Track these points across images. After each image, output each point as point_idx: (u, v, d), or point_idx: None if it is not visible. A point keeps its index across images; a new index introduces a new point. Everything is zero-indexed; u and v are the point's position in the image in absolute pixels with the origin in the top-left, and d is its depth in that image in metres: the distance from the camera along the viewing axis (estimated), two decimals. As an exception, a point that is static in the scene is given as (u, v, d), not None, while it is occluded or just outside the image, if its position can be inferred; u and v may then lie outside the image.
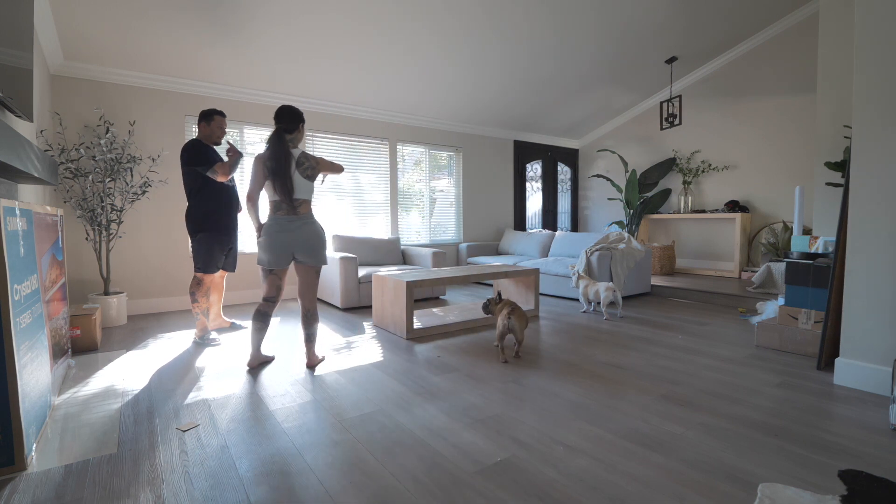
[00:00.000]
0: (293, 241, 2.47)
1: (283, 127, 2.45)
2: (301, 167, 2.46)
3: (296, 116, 2.48)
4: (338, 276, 4.19)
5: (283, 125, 2.45)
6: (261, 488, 1.40)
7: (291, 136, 2.48)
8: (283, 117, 2.45)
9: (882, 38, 2.12)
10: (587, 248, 4.52)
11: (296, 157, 2.46)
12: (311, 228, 2.50)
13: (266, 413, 1.96)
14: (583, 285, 3.99)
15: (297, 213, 2.48)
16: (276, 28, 3.67)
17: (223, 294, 3.45)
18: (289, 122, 2.46)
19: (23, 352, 1.58)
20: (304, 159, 2.48)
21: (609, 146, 7.11)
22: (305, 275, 2.54)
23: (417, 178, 5.88)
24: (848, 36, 3.82)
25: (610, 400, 2.07)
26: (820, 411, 1.93)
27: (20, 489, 1.41)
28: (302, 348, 2.96)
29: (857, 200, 2.20)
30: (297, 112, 2.49)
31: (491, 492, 1.37)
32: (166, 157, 4.16)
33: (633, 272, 4.63)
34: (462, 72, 4.79)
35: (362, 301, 4.29)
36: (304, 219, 2.49)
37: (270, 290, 2.55)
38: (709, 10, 4.53)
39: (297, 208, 2.47)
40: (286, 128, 2.46)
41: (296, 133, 2.49)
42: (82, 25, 3.33)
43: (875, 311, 2.14)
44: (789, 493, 1.30)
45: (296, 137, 2.50)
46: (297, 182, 2.45)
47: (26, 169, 1.88)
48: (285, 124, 2.45)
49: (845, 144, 3.81)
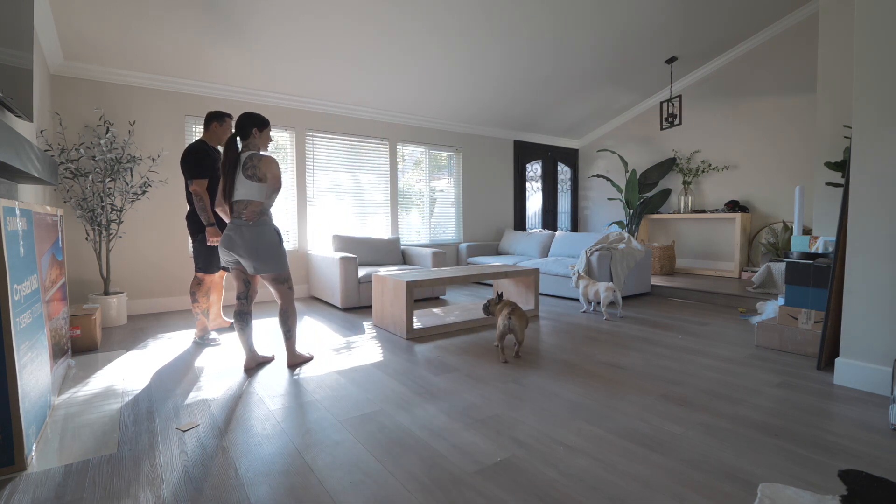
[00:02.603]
0: (233, 245, 2.41)
1: (235, 133, 2.49)
2: (244, 168, 2.40)
3: (247, 122, 2.46)
4: (338, 276, 4.19)
5: (235, 132, 2.50)
6: (261, 488, 1.40)
7: (246, 142, 2.47)
8: (236, 125, 2.50)
9: (882, 38, 2.12)
10: (587, 248, 4.52)
11: (242, 159, 2.43)
12: (251, 232, 2.39)
13: (266, 413, 1.97)
14: (583, 285, 3.99)
15: (240, 216, 2.42)
16: (276, 28, 3.67)
17: (223, 294, 3.46)
18: (239, 129, 2.47)
19: (23, 352, 1.58)
20: (249, 160, 2.41)
21: (609, 146, 7.11)
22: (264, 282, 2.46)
23: (417, 178, 5.88)
24: (848, 36, 3.82)
25: (610, 400, 2.07)
26: (820, 411, 1.93)
27: (20, 489, 1.41)
28: (304, 349, 2.96)
29: (857, 200, 2.20)
30: (250, 118, 2.47)
31: (491, 492, 1.37)
32: (166, 157, 4.16)
33: (633, 272, 4.63)
34: (462, 72, 4.79)
35: (362, 301, 4.29)
36: (246, 223, 2.40)
37: (238, 287, 2.53)
38: (709, 10, 4.53)
39: (242, 212, 2.41)
40: (238, 133, 2.49)
41: (250, 138, 2.47)
42: (82, 25, 3.33)
43: (875, 311, 2.14)
44: (789, 493, 1.30)
45: (250, 143, 2.48)
46: (238, 183, 2.41)
47: (26, 169, 1.88)
48: (237, 131, 2.49)
49: (845, 144, 3.81)
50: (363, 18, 3.72)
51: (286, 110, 4.76)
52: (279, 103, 4.69)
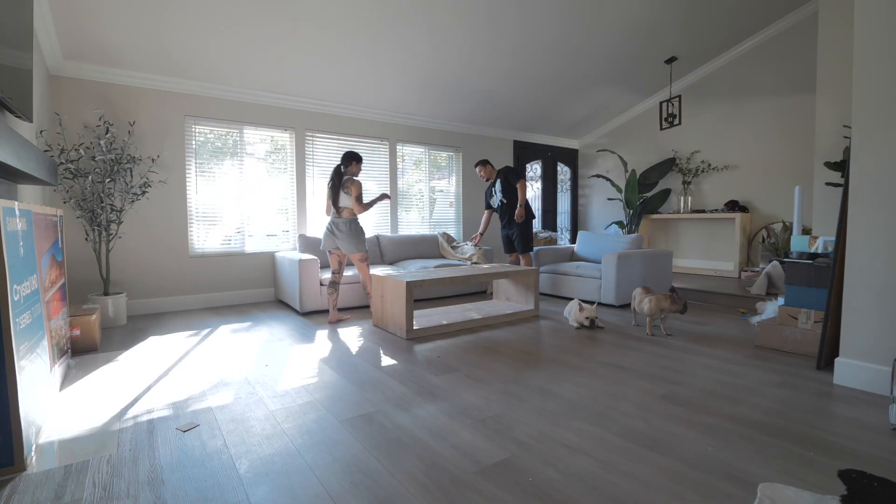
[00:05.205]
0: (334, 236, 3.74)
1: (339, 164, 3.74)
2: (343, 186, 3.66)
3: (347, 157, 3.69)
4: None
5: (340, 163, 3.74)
6: (261, 488, 1.40)
7: (346, 170, 3.70)
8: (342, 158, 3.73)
9: (882, 38, 2.12)
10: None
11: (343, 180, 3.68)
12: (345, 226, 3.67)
13: (266, 413, 1.96)
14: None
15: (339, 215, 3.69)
16: (276, 28, 3.67)
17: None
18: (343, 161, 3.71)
19: (23, 352, 1.58)
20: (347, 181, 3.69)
21: (609, 146, 7.11)
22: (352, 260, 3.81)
23: (417, 178, 5.87)
24: (848, 36, 3.82)
25: (610, 400, 2.07)
26: (820, 411, 1.93)
27: (20, 489, 1.41)
28: (297, 357, 2.97)
29: (856, 200, 2.20)
30: (348, 154, 3.69)
31: (491, 492, 1.37)
32: (166, 157, 4.16)
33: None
34: (462, 72, 4.79)
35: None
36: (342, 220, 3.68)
37: (333, 265, 3.75)
38: (709, 10, 4.53)
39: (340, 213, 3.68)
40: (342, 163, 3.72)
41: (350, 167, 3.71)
42: (82, 25, 3.33)
43: (875, 311, 2.14)
44: (789, 493, 1.30)
45: (349, 170, 3.70)
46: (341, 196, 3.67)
47: (26, 169, 1.88)
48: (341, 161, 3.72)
49: (845, 144, 3.81)
50: (363, 18, 3.73)
51: (286, 110, 4.76)
52: (279, 103, 4.69)
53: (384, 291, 3.43)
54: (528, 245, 4.51)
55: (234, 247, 4.57)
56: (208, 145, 4.40)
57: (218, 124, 4.43)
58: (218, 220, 4.47)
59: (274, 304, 4.56)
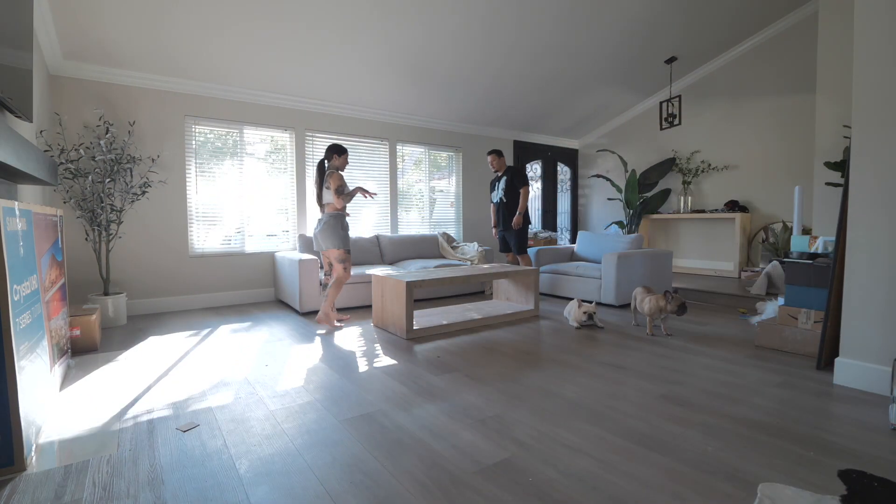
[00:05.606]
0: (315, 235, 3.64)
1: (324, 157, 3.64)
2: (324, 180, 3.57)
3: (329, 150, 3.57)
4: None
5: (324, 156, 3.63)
6: (261, 488, 1.40)
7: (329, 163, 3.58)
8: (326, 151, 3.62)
9: (882, 38, 2.12)
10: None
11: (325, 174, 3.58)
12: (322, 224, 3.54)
13: (266, 413, 1.96)
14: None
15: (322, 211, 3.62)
16: (276, 27, 3.67)
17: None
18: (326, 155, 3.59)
19: (22, 352, 1.58)
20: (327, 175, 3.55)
21: (609, 146, 7.11)
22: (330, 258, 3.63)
23: (417, 178, 5.87)
24: (848, 36, 3.82)
25: (610, 400, 2.07)
26: (820, 411, 1.93)
27: (20, 489, 1.41)
28: (297, 357, 2.97)
29: (856, 200, 2.20)
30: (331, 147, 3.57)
31: (491, 492, 1.37)
32: (166, 157, 4.16)
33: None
34: (462, 71, 4.79)
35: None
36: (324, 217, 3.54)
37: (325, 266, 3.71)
38: (709, 10, 4.53)
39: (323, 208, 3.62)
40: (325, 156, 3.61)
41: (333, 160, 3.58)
42: (81, 25, 3.33)
43: (875, 311, 2.14)
44: (789, 493, 1.30)
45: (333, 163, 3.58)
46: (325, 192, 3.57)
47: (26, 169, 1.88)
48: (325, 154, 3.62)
49: (845, 144, 3.81)
50: (363, 18, 3.73)
51: (286, 110, 4.76)
52: (279, 103, 4.69)
53: (384, 291, 3.42)
54: (524, 246, 4.56)
55: (234, 247, 4.57)
56: (208, 145, 4.40)
57: (218, 124, 4.43)
58: (218, 220, 4.47)
59: (274, 304, 4.56)
